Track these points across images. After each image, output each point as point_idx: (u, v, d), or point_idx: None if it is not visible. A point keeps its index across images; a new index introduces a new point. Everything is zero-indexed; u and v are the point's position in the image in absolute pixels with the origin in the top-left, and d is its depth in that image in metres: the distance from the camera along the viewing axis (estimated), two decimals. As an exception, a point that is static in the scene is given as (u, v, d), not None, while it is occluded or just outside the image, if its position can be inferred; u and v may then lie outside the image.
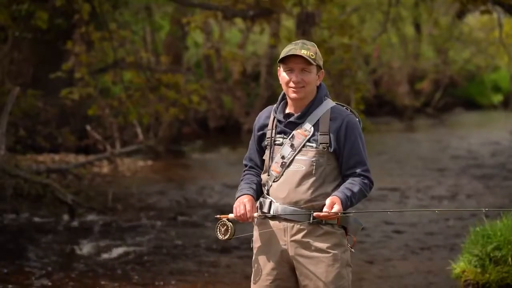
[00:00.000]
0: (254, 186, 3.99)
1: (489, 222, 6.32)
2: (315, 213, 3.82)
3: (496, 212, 6.73)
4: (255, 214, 3.91)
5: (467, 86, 32.04)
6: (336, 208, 3.78)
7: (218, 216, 3.98)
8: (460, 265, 6.09)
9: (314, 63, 3.90)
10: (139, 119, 14.25)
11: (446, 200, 11.56)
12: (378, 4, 21.66)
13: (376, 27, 23.11)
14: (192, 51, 22.43)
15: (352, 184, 3.88)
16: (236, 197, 3.97)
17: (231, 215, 3.94)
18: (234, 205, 3.92)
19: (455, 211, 8.47)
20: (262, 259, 3.98)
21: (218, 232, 3.96)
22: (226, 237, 3.93)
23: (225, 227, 3.94)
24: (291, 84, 3.90)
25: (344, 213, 3.83)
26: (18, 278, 7.34)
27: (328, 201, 3.80)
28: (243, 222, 3.94)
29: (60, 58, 14.50)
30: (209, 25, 19.99)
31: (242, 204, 3.90)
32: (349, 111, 3.99)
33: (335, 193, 3.85)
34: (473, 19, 28.86)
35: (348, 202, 3.83)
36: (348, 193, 3.84)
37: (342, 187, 3.89)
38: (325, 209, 3.79)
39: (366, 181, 3.91)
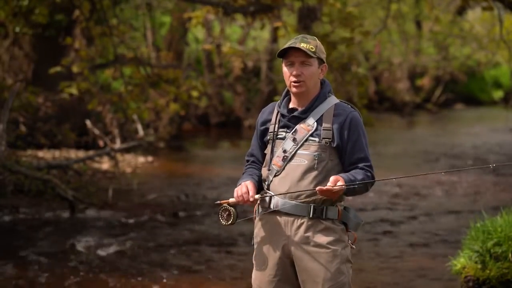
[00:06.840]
0: (256, 178, 3.99)
1: (489, 218, 6.32)
2: (318, 188, 3.76)
3: (496, 207, 6.73)
4: (257, 196, 3.88)
5: (467, 82, 32.04)
6: (340, 184, 3.73)
7: (218, 201, 3.95)
8: (461, 261, 6.09)
9: (314, 56, 3.89)
10: (139, 114, 14.24)
11: (445, 196, 11.59)
12: (378, 0, 21.66)
13: (377, 23, 23.10)
14: (192, 47, 22.44)
15: (355, 172, 3.85)
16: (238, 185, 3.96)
17: (231, 200, 3.91)
18: (236, 189, 3.91)
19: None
20: (263, 254, 3.97)
21: (220, 218, 3.93)
22: (229, 222, 3.91)
23: (227, 212, 3.91)
24: (292, 78, 3.90)
25: (348, 185, 3.75)
26: (18, 273, 7.35)
27: (331, 178, 3.75)
28: (243, 204, 3.89)
29: (61, 54, 14.50)
30: (210, 21, 19.98)
31: (244, 186, 3.89)
32: (352, 108, 3.98)
33: (338, 175, 3.82)
34: (474, 15, 28.85)
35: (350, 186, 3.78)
36: (351, 177, 3.81)
37: (344, 174, 3.86)
38: (328, 184, 3.73)
39: (368, 174, 3.88)
